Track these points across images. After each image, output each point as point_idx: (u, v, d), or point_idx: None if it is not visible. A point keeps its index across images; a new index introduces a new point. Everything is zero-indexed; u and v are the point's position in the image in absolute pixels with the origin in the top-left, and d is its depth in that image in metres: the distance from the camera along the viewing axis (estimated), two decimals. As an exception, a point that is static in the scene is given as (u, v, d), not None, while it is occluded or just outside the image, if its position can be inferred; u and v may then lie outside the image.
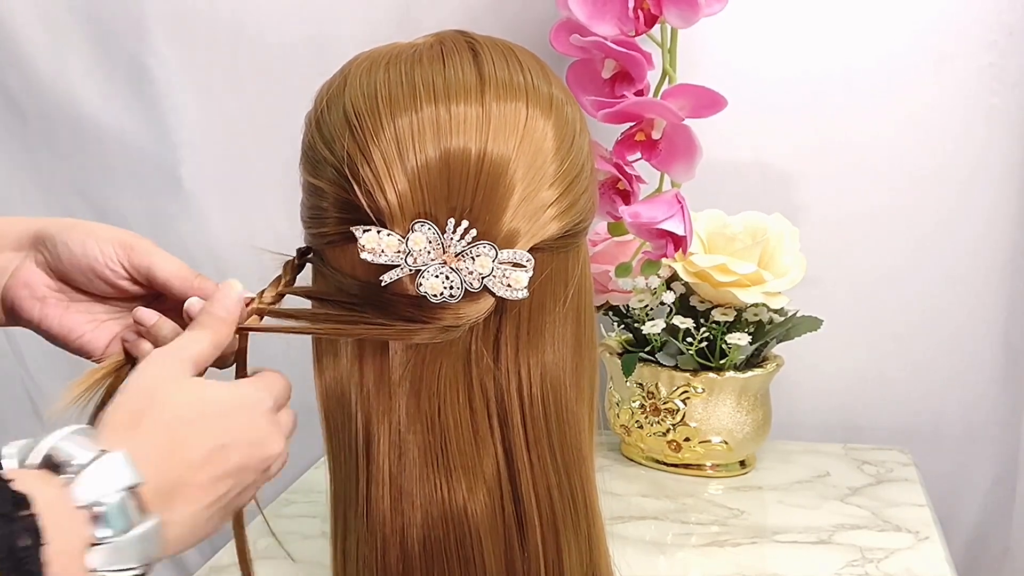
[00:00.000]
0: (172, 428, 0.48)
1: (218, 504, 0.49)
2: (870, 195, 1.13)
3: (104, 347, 0.60)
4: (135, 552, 0.43)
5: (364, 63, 0.57)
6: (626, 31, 0.90)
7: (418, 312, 0.52)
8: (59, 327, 0.59)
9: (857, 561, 0.87)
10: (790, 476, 1.07)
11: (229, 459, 0.49)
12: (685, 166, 0.93)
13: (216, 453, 0.48)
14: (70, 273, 0.58)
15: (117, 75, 1.17)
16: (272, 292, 0.58)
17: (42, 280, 0.59)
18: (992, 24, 1.08)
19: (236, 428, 0.50)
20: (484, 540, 0.55)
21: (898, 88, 1.11)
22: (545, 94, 0.56)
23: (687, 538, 0.93)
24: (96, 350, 0.60)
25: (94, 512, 0.42)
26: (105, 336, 0.60)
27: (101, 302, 0.60)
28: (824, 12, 1.10)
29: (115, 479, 0.43)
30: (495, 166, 0.52)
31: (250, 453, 0.51)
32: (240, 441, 0.50)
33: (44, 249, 0.59)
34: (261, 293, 0.58)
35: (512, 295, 0.53)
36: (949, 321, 1.16)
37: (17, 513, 0.39)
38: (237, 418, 0.51)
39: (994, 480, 1.18)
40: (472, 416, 0.55)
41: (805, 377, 1.16)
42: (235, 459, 0.49)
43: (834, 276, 1.14)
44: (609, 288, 1.05)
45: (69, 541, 0.41)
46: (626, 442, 1.10)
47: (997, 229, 1.13)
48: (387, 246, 0.52)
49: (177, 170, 1.18)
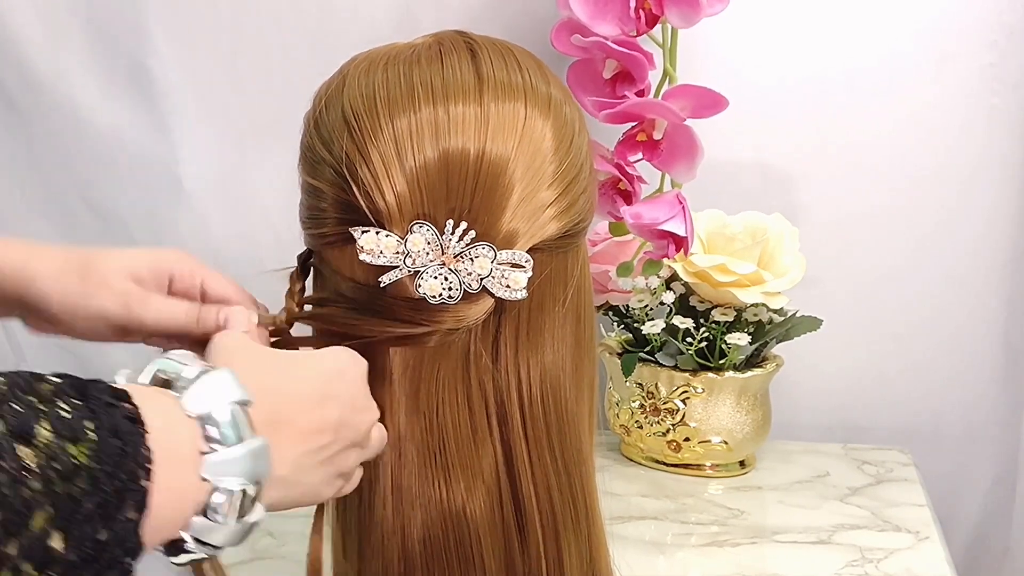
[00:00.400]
0: (279, 368, 0.48)
1: (319, 456, 0.48)
2: (870, 195, 1.13)
3: None
4: (245, 467, 0.42)
5: (363, 63, 0.57)
6: (627, 31, 0.90)
7: (417, 314, 0.52)
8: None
9: (857, 561, 0.87)
10: (790, 476, 1.07)
11: (331, 412, 0.48)
12: (686, 166, 0.94)
13: (319, 403, 0.48)
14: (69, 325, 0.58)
15: (117, 75, 1.17)
16: (291, 304, 0.58)
17: None
18: (993, 24, 1.08)
19: (338, 384, 0.50)
20: (484, 540, 0.55)
21: (899, 88, 1.11)
22: (544, 94, 0.56)
23: (687, 538, 0.93)
24: None
25: (205, 424, 0.41)
26: None
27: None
28: (825, 12, 1.10)
29: (225, 393, 0.42)
30: (494, 166, 0.52)
31: (351, 412, 0.50)
32: (342, 396, 0.49)
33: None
34: (275, 316, 0.58)
35: (511, 296, 0.53)
36: (949, 321, 1.16)
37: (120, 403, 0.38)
38: (340, 375, 0.50)
39: (994, 480, 1.18)
40: (471, 416, 0.55)
41: (805, 377, 1.16)
42: (336, 413, 0.48)
43: (834, 276, 1.13)
44: (609, 288, 1.05)
45: (180, 448, 0.40)
46: (626, 442, 1.10)
47: (997, 229, 1.13)
48: (386, 247, 0.52)
49: (177, 170, 1.18)
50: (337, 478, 0.50)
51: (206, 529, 0.41)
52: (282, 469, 0.45)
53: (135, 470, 0.37)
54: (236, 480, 0.41)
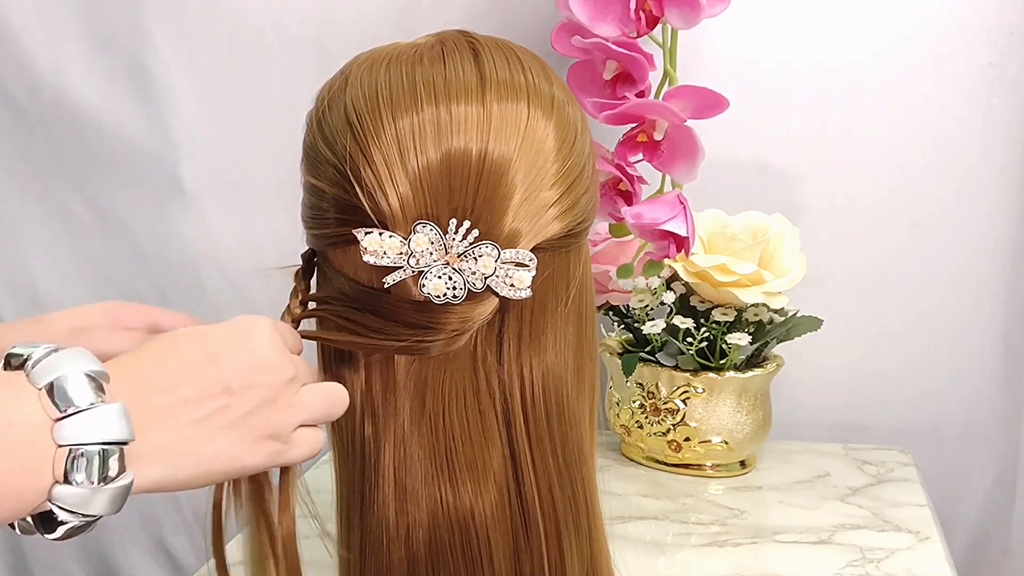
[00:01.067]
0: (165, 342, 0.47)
1: (216, 422, 0.46)
2: (870, 195, 1.14)
3: None
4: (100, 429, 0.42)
5: (365, 63, 0.57)
6: (627, 32, 0.90)
7: (422, 317, 0.52)
8: None
9: (857, 561, 0.87)
10: (790, 476, 1.07)
11: (218, 374, 0.47)
12: (687, 167, 0.93)
13: (202, 368, 0.47)
14: None
15: (117, 75, 1.17)
16: (296, 303, 0.57)
17: None
18: (992, 24, 1.08)
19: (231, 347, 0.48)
20: (492, 540, 0.55)
21: (898, 88, 1.11)
22: (546, 94, 0.56)
23: (687, 538, 0.93)
24: None
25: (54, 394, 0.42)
26: None
27: None
28: (825, 12, 1.11)
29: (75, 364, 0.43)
30: (496, 166, 0.52)
31: (251, 372, 0.48)
32: (236, 359, 0.48)
33: None
34: (284, 313, 0.57)
35: (515, 295, 0.53)
36: (949, 321, 1.16)
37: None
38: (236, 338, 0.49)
39: (994, 480, 1.19)
40: (481, 418, 0.55)
41: (805, 377, 1.16)
42: (225, 375, 0.47)
43: (834, 276, 1.14)
44: (609, 288, 1.05)
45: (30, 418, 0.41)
46: (626, 442, 1.10)
47: (997, 229, 1.13)
48: (389, 248, 0.52)
49: (177, 170, 1.18)
50: (261, 442, 0.48)
51: (72, 496, 0.42)
52: (163, 437, 0.45)
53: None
54: (93, 445, 0.42)
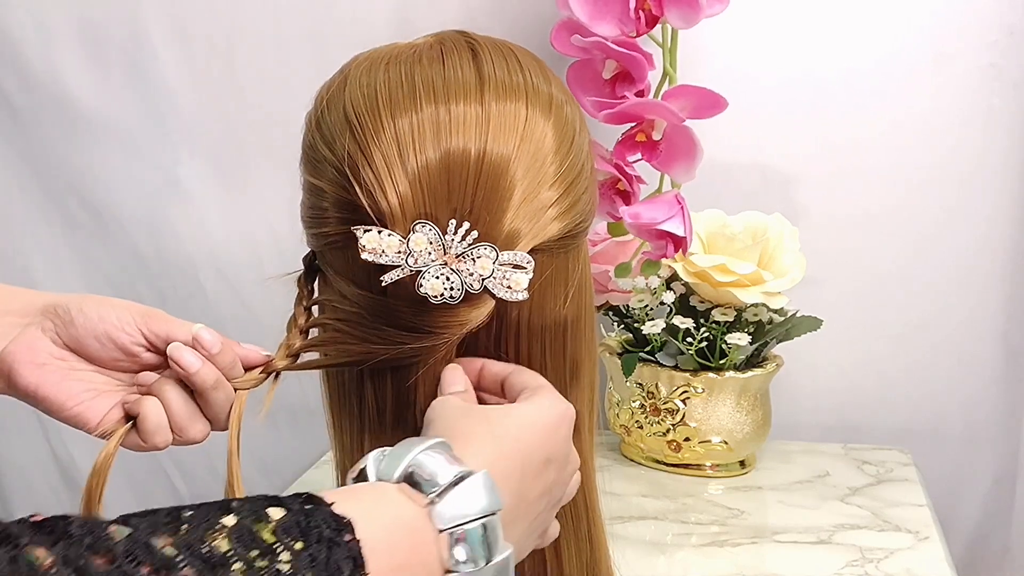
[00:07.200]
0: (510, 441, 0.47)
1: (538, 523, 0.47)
2: (870, 195, 1.13)
3: (100, 418, 0.56)
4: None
5: (364, 63, 0.57)
6: (627, 32, 0.90)
7: (419, 319, 0.52)
8: (56, 394, 0.56)
9: (857, 561, 0.87)
10: (790, 476, 1.07)
11: (549, 475, 0.48)
12: (685, 167, 0.94)
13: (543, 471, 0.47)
14: (83, 339, 0.56)
15: (116, 75, 1.17)
16: (300, 311, 0.58)
17: (45, 347, 0.56)
18: (992, 24, 1.08)
19: (554, 442, 0.49)
20: None
21: (899, 88, 1.11)
22: (545, 94, 0.56)
23: (687, 538, 0.93)
24: (90, 420, 0.56)
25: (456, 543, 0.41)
26: (102, 407, 0.56)
27: (103, 373, 0.57)
28: (825, 13, 1.10)
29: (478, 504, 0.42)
30: (495, 166, 0.52)
31: (563, 471, 0.49)
32: (558, 455, 0.49)
33: (55, 317, 0.57)
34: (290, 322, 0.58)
35: (512, 296, 0.53)
36: (949, 321, 1.16)
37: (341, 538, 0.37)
38: (556, 431, 0.49)
39: (994, 480, 1.18)
40: None
41: (805, 377, 1.16)
42: (553, 476, 0.48)
43: (834, 276, 1.14)
44: (609, 288, 1.05)
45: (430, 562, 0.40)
46: (626, 442, 1.10)
47: (997, 229, 1.13)
48: (388, 246, 0.52)
49: (177, 170, 1.18)
50: (539, 537, 0.50)
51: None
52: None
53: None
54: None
